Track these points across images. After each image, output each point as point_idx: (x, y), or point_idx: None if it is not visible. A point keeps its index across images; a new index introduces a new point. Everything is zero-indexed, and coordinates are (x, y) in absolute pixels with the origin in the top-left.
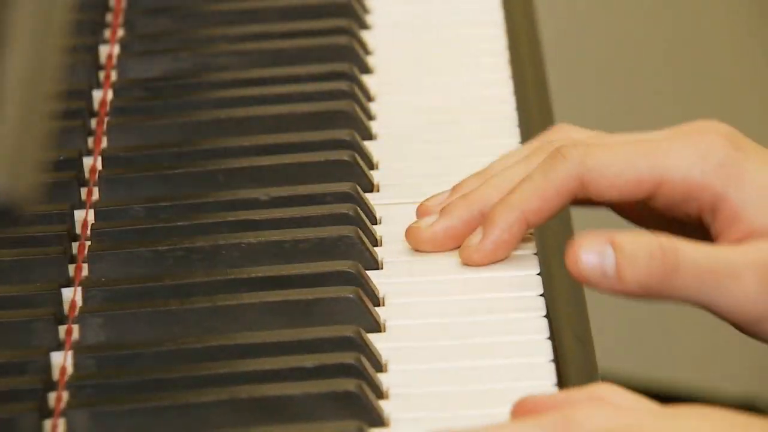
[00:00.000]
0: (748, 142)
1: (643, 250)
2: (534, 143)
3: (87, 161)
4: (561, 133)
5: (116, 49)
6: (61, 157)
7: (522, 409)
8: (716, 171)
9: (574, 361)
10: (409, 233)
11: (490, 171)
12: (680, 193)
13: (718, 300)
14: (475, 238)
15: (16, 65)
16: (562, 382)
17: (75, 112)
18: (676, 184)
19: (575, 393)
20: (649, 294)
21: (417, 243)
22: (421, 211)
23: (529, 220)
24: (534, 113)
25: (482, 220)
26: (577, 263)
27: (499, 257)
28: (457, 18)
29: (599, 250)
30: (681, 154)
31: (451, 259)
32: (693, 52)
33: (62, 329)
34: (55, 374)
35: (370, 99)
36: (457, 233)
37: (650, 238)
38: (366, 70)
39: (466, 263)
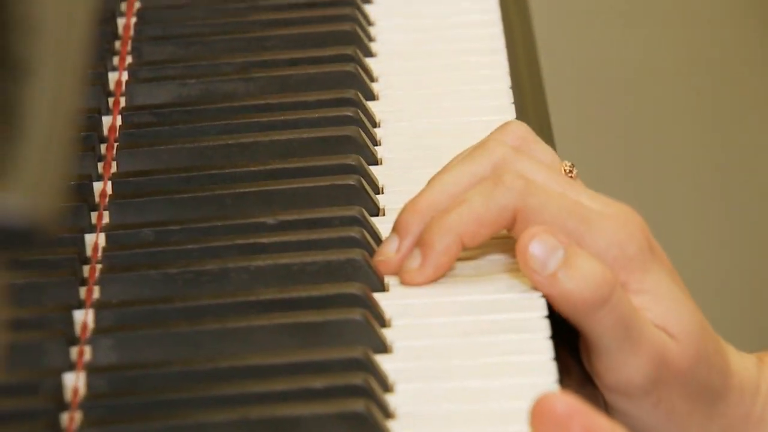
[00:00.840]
0: (658, 246)
1: (589, 267)
2: (483, 141)
3: (97, 186)
4: (511, 136)
5: (125, 76)
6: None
7: (541, 411)
8: (626, 261)
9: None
10: (382, 267)
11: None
12: None
13: (614, 356)
14: (415, 261)
15: (40, 91)
16: None
17: (85, 138)
18: None
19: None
20: (570, 310)
21: (394, 273)
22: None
23: (465, 242)
24: None
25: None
26: (527, 246)
27: (438, 278)
28: (460, 46)
29: (553, 245)
30: (603, 234)
31: (456, 280)
32: (695, 58)
33: (74, 350)
34: (68, 395)
35: (375, 125)
36: None
37: (602, 265)
38: (371, 96)
39: (408, 285)
